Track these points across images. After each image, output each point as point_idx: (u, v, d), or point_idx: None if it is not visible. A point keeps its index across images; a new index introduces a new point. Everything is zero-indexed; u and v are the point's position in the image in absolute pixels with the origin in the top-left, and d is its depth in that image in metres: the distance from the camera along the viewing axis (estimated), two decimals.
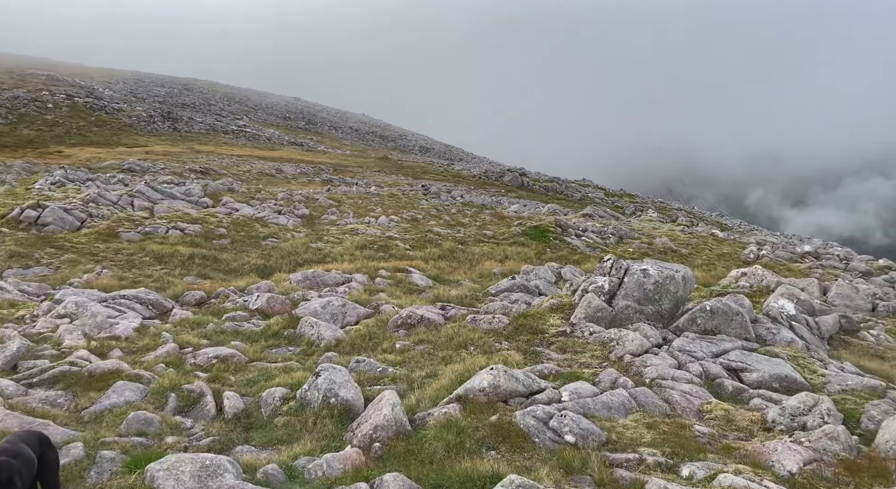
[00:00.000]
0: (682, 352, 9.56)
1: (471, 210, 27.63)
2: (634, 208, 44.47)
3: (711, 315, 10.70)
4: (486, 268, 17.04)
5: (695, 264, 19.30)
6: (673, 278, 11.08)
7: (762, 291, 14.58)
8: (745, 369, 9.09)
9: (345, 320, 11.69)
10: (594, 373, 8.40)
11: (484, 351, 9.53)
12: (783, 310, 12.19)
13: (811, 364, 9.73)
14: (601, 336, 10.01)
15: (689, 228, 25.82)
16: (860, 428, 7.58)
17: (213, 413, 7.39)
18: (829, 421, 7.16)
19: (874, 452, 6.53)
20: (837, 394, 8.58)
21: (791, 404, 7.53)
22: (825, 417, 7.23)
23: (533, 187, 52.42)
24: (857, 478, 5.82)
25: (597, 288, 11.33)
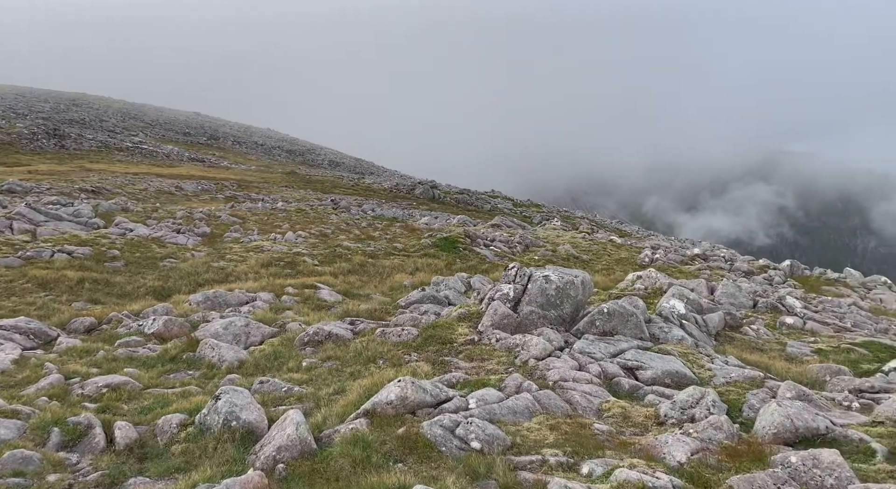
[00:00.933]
0: (583, 353, 9.96)
1: (381, 223, 27.58)
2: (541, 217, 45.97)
3: (609, 317, 11.23)
4: (397, 280, 17.04)
5: (595, 269, 20.18)
6: (573, 283, 11.55)
7: (656, 292, 15.44)
8: (640, 367, 9.59)
9: (248, 340, 11.33)
10: (500, 379, 8.59)
11: (393, 364, 9.52)
12: (674, 309, 12.98)
13: (699, 359, 10.40)
14: (507, 342, 10.26)
15: (590, 235, 26.99)
16: (742, 416, 8.17)
17: (103, 445, 6.94)
18: (715, 411, 7.67)
19: (753, 438, 7.05)
20: (722, 387, 9.22)
21: (681, 398, 8.02)
22: (711, 409, 7.74)
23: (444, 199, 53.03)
24: (738, 462, 6.26)
25: (502, 295, 11.62)
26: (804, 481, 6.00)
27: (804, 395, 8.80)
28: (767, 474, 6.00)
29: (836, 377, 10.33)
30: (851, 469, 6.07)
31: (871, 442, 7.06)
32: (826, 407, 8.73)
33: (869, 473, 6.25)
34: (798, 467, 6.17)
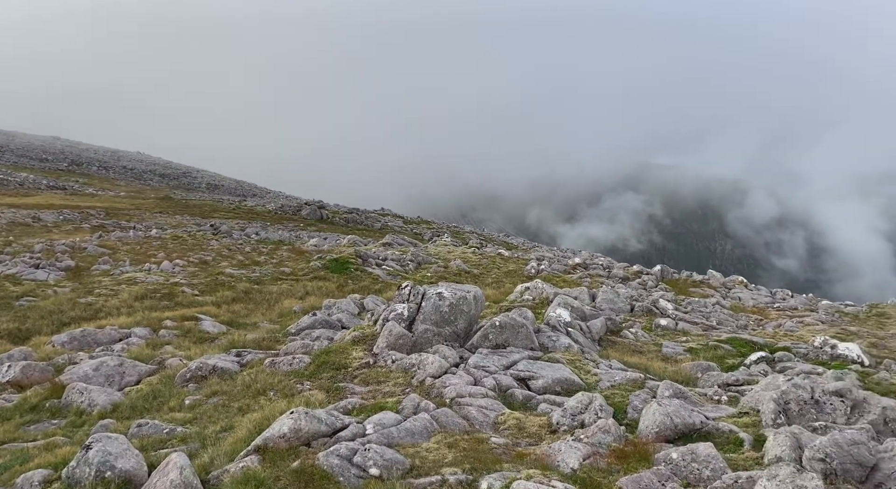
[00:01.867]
0: (478, 368, 10.11)
1: (267, 247, 26.64)
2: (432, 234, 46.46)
3: (501, 329, 11.50)
4: (286, 306, 16.49)
5: (486, 283, 20.65)
6: (466, 299, 11.73)
7: (543, 302, 16.03)
8: (532, 377, 9.87)
9: (123, 381, 10.46)
10: (398, 401, 8.50)
11: (285, 394, 9.16)
12: (561, 318, 13.54)
13: (586, 365, 10.89)
14: (403, 362, 10.19)
15: (479, 250, 27.62)
16: (627, 418, 8.61)
17: None
18: (602, 415, 8.02)
19: (638, 438, 7.44)
20: (608, 390, 9.69)
21: (571, 405, 8.32)
22: (599, 413, 8.10)
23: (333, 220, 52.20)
24: (626, 464, 6.57)
25: (397, 315, 11.56)
26: (685, 475, 6.40)
27: (680, 393, 9.44)
28: (653, 472, 6.35)
29: (706, 373, 11.19)
30: (724, 459, 6.56)
31: (739, 432, 7.69)
32: (700, 402, 9.41)
33: (738, 462, 6.78)
34: (679, 463, 6.59)
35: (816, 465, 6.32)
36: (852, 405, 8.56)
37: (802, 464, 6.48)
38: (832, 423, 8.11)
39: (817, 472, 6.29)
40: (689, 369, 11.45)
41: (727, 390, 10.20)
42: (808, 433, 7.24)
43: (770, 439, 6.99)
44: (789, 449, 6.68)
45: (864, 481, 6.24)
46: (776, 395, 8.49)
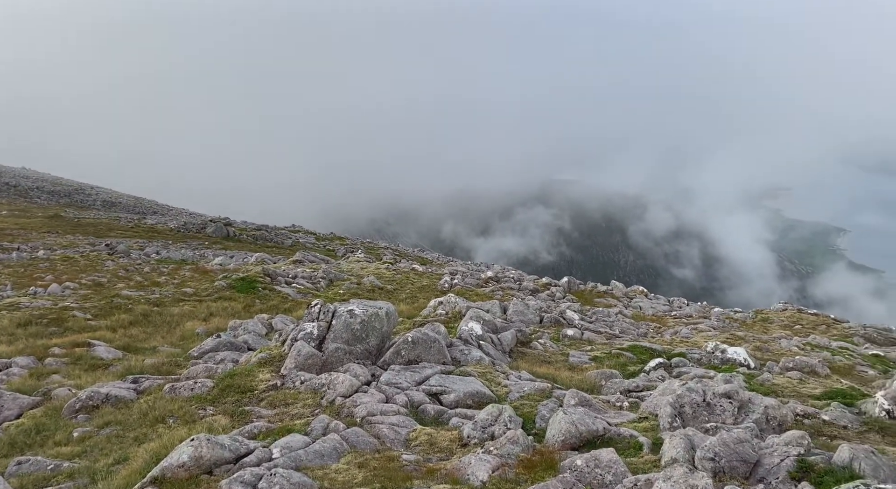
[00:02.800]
0: (390, 385, 10.04)
1: (168, 267, 25.36)
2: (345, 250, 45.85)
3: (413, 345, 11.49)
4: (189, 329, 15.73)
5: (399, 298, 20.61)
6: (378, 315, 11.64)
7: (456, 316, 16.18)
8: (444, 392, 9.92)
9: (1, 416, 9.59)
10: (306, 423, 8.30)
11: (186, 421, 8.72)
12: (473, 331, 13.71)
13: (497, 377, 11.07)
14: (313, 383, 9.97)
15: (393, 265, 27.55)
16: (535, 427, 8.82)
17: None
18: (511, 426, 8.18)
19: (545, 447, 7.63)
20: (518, 401, 9.89)
21: (481, 417, 8.43)
22: (508, 424, 8.25)
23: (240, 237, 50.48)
24: (533, 473, 6.73)
25: (306, 334, 11.30)
26: (589, 481, 6.63)
27: (585, 401, 9.79)
28: (558, 480, 6.53)
29: (609, 381, 11.67)
30: (625, 464, 6.84)
31: (639, 436, 8.06)
32: (603, 409, 9.79)
33: (638, 465, 7.10)
34: (583, 469, 6.81)
35: (707, 465, 6.72)
36: (739, 405, 9.18)
37: (695, 464, 6.87)
38: (722, 424, 8.66)
39: (707, 471, 6.69)
40: (594, 377, 11.89)
41: (628, 396, 10.67)
42: (700, 434, 7.69)
43: (666, 442, 7.37)
44: (683, 450, 7.07)
45: (748, 476, 6.70)
46: (672, 400, 8.97)
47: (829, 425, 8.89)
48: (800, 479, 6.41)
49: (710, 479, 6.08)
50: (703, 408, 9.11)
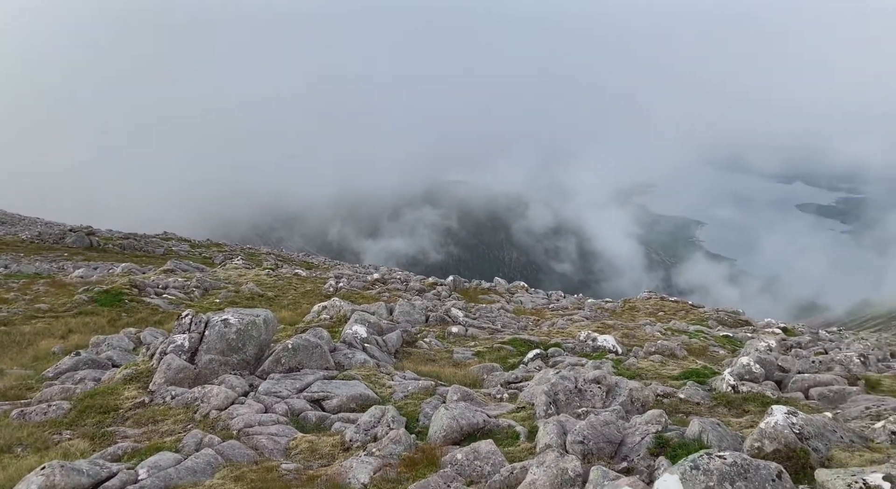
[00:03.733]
0: (269, 394, 9.74)
1: (18, 282, 22.95)
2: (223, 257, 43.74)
3: (294, 352, 11.22)
4: (43, 348, 14.34)
5: (281, 305, 20.01)
6: (255, 323, 11.24)
7: (341, 320, 15.98)
8: (326, 397, 9.77)
9: None
10: (177, 440, 7.87)
11: (37, 448, 7.96)
12: (357, 334, 13.60)
13: (381, 379, 11.07)
14: (185, 397, 9.46)
15: (274, 271, 26.70)
16: (419, 425, 8.92)
17: None
18: (394, 426, 8.21)
19: (427, 444, 7.74)
20: (402, 401, 9.95)
21: (364, 420, 8.39)
22: (391, 424, 8.27)
23: (105, 247, 46.66)
24: (415, 471, 6.79)
25: (177, 347, 10.69)
26: (468, 474, 6.80)
27: (467, 396, 10.03)
28: (439, 475, 6.65)
29: (490, 374, 12.03)
30: (503, 454, 7.09)
31: (517, 426, 8.38)
32: (484, 402, 10.09)
33: (516, 454, 7.38)
34: (463, 462, 6.98)
35: (577, 448, 7.11)
36: (608, 390, 9.80)
37: (566, 448, 7.25)
38: (592, 408, 9.20)
39: (577, 454, 7.08)
40: (476, 372, 12.20)
41: (508, 388, 11.07)
42: (572, 419, 8.12)
43: (541, 429, 7.72)
44: (556, 436, 7.43)
45: (613, 456, 7.17)
46: (547, 388, 9.40)
47: (684, 402, 9.71)
48: (658, 454, 6.95)
49: (579, 461, 6.45)
50: (575, 394, 9.63)
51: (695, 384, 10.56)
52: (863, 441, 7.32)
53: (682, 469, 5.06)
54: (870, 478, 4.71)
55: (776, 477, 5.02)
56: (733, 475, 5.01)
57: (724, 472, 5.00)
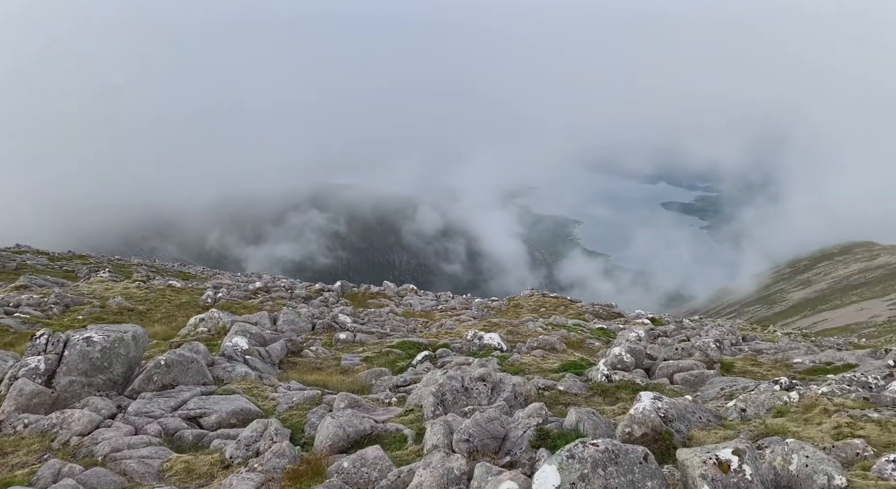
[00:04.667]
0: (139, 415, 9.09)
1: None
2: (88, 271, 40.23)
3: (167, 369, 10.55)
4: None
5: (154, 319, 18.74)
6: (123, 340, 10.46)
7: (220, 333, 15.23)
8: (204, 414, 9.27)
9: None
10: (31, 472, 7.16)
11: None
12: (238, 346, 13.03)
13: (264, 391, 10.67)
14: (40, 424, 8.62)
15: (146, 284, 24.97)
16: (305, 436, 8.69)
17: None
18: (277, 439, 7.94)
19: (313, 455, 7.55)
20: (286, 412, 9.65)
21: (245, 435, 8.05)
22: (274, 438, 7.99)
23: None
24: (300, 483, 6.61)
25: (30, 370, 9.71)
26: (355, 482, 6.71)
27: (355, 402, 9.91)
28: (325, 485, 6.51)
29: (379, 379, 11.97)
30: (390, 458, 7.07)
31: (405, 429, 8.39)
32: (372, 408, 10.01)
33: (403, 457, 7.38)
34: (350, 470, 6.88)
35: (463, 446, 7.24)
36: (493, 386, 10.07)
37: (453, 447, 7.36)
38: (478, 406, 9.40)
39: (464, 452, 7.21)
40: (365, 377, 12.09)
41: (397, 392, 11.06)
42: (459, 418, 8.26)
43: (428, 430, 7.78)
44: (443, 436, 7.52)
45: (498, 451, 7.37)
46: (434, 389, 9.50)
47: (564, 394, 10.17)
48: (539, 446, 7.23)
49: (465, 460, 6.56)
50: (462, 393, 9.80)
51: (573, 376, 11.10)
52: (718, 420, 8.04)
53: (559, 459, 5.28)
54: (721, 453, 5.17)
55: (643, 459, 5.37)
56: (605, 461, 5.29)
57: (598, 459, 5.27)
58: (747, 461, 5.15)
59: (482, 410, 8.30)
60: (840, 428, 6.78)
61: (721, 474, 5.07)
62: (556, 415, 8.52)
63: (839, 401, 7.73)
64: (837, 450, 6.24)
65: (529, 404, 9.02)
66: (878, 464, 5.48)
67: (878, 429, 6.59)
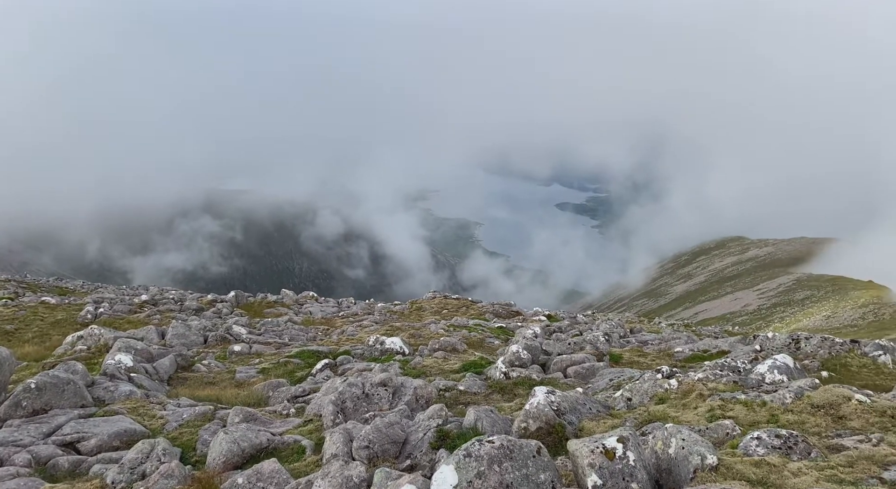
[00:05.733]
0: (6, 444, 8.30)
1: None
2: None
3: (39, 392, 9.70)
4: None
5: (24, 339, 17.13)
6: None
7: (102, 350, 14.22)
8: (82, 438, 8.61)
9: None
10: None
11: None
12: (121, 364, 12.21)
13: (151, 410, 10.06)
14: None
15: (14, 301, 22.79)
16: (197, 454, 8.28)
17: None
18: (166, 459, 7.51)
19: (205, 473, 7.21)
20: (176, 431, 9.15)
21: (129, 457, 7.55)
22: (162, 458, 7.55)
23: None
24: None
25: None
26: None
27: (250, 416, 9.56)
28: None
29: (276, 390, 11.61)
30: (288, 471, 6.87)
31: (303, 440, 8.20)
32: (269, 420, 9.70)
33: (301, 469, 7.22)
34: (245, 486, 6.62)
35: (362, 453, 7.17)
36: (394, 391, 10.06)
37: (353, 455, 7.27)
38: (380, 411, 9.36)
39: (363, 459, 7.15)
40: (261, 389, 11.70)
41: (296, 402, 10.79)
42: (360, 425, 8.17)
43: (327, 440, 7.65)
44: (342, 444, 7.42)
45: (398, 455, 7.37)
46: (334, 397, 9.35)
47: (464, 394, 10.33)
48: (439, 447, 7.30)
49: (365, 466, 6.50)
50: (363, 399, 9.72)
51: (473, 375, 11.30)
52: (607, 410, 8.48)
53: (456, 458, 5.35)
54: (607, 441, 5.44)
55: (536, 453, 5.55)
56: (501, 457, 5.42)
57: (493, 456, 5.39)
58: (631, 448, 5.45)
59: (383, 416, 8.27)
60: (713, 410, 7.34)
61: (607, 461, 5.34)
62: (456, 416, 8.64)
63: (713, 386, 8.37)
64: (710, 432, 6.75)
65: (430, 406, 9.10)
66: (744, 441, 5.98)
67: (745, 410, 7.19)
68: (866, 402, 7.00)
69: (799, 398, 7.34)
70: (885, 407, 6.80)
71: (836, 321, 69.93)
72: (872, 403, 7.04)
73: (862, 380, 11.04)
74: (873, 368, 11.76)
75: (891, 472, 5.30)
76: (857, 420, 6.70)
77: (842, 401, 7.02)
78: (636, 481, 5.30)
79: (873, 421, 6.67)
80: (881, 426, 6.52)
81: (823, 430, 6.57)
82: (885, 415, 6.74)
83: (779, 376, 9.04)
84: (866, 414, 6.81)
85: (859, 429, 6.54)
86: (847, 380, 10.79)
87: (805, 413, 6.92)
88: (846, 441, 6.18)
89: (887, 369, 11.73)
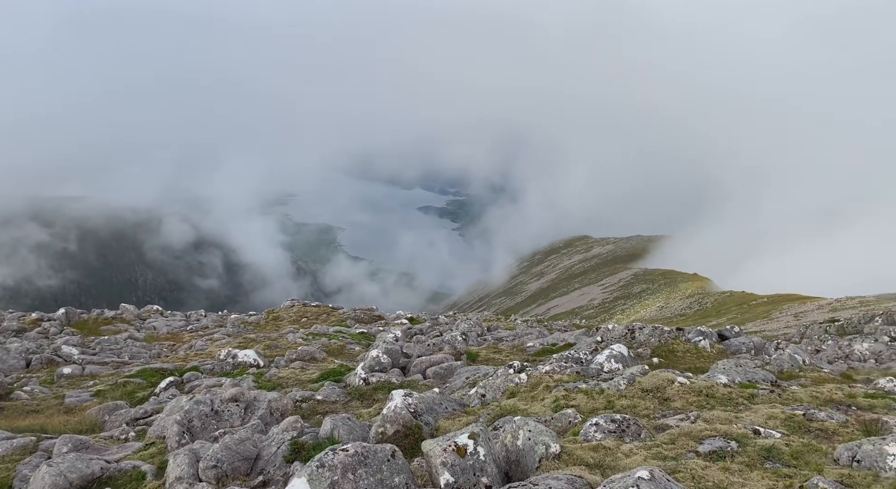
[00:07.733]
0: None
1: None
2: None
3: None
4: None
5: None
6: None
7: None
8: None
9: None
10: None
11: None
12: None
13: None
14: None
15: None
16: None
17: None
18: None
19: None
20: None
21: None
22: None
23: None
24: None
25: None
26: None
27: (82, 444, 8.65)
28: None
29: (113, 414, 10.63)
30: None
31: (143, 465, 7.57)
32: (105, 447, 8.85)
33: None
34: None
35: (210, 473, 6.76)
36: (246, 406, 9.60)
37: (199, 476, 6.83)
38: (230, 428, 8.89)
39: (211, 479, 6.74)
40: (96, 414, 10.65)
41: (136, 425, 9.95)
42: (208, 444, 7.69)
43: (170, 463, 7.12)
44: (187, 466, 6.94)
45: (250, 472, 7.04)
46: (180, 417, 8.73)
47: (322, 403, 10.12)
48: (293, 460, 7.07)
49: (212, 487, 6.15)
50: (212, 417, 9.18)
51: (332, 383, 11.11)
52: (462, 407, 8.71)
53: (308, 470, 5.22)
54: (459, 439, 5.59)
55: (391, 457, 5.56)
56: (355, 464, 5.37)
57: (347, 464, 5.33)
58: (481, 443, 5.64)
59: (233, 432, 7.87)
60: (558, 401, 7.81)
61: (459, 458, 5.48)
62: (313, 426, 8.45)
63: (558, 377, 8.91)
64: (555, 421, 7.18)
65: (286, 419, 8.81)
66: (584, 428, 6.43)
67: (586, 398, 7.73)
68: (686, 384, 7.82)
69: (631, 384, 8.03)
70: (700, 387, 7.63)
71: (668, 311, 77.70)
72: (692, 384, 7.88)
73: (686, 363, 12.33)
74: (695, 352, 13.17)
75: (705, 445, 5.96)
76: (679, 400, 7.46)
77: (666, 384, 7.77)
78: (486, 475, 5.49)
79: (692, 400, 7.47)
80: (698, 404, 7.32)
81: (652, 412, 7.23)
82: (702, 394, 7.57)
83: (615, 365, 9.83)
84: (686, 394, 7.60)
85: (681, 408, 7.29)
86: (673, 364, 11.99)
87: (636, 397, 7.58)
88: (670, 420, 6.86)
89: (706, 353, 13.20)
